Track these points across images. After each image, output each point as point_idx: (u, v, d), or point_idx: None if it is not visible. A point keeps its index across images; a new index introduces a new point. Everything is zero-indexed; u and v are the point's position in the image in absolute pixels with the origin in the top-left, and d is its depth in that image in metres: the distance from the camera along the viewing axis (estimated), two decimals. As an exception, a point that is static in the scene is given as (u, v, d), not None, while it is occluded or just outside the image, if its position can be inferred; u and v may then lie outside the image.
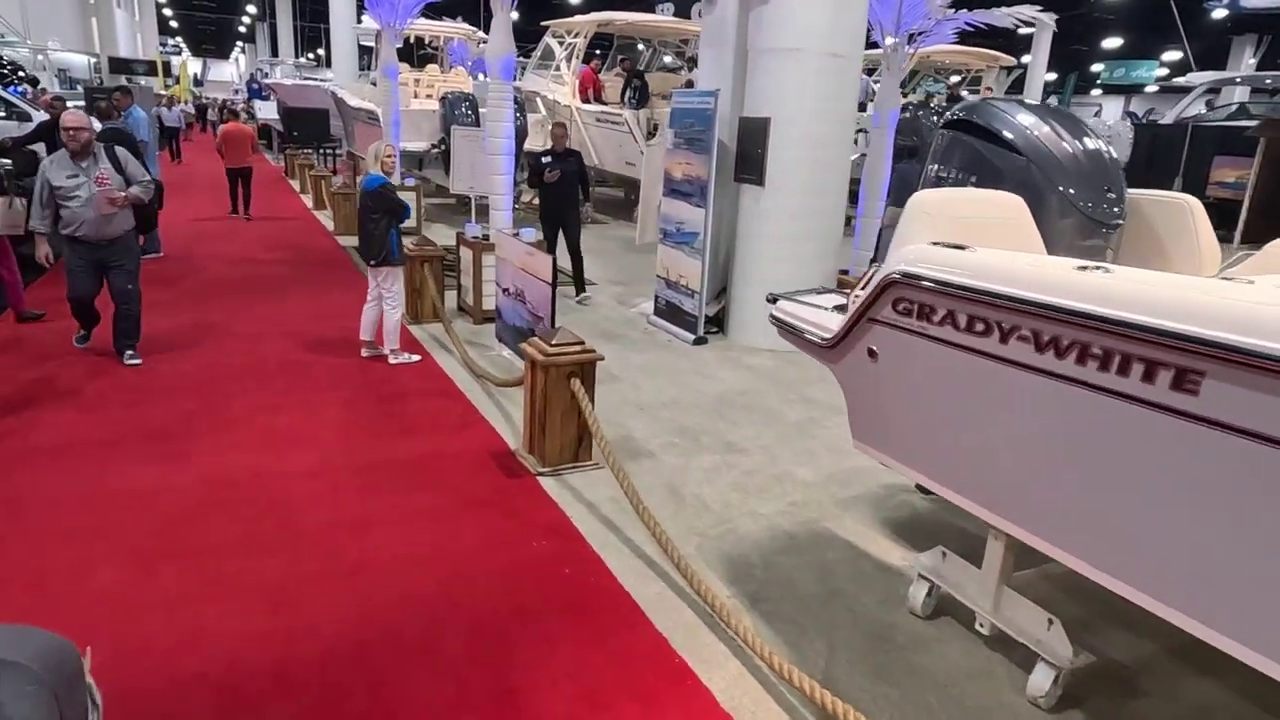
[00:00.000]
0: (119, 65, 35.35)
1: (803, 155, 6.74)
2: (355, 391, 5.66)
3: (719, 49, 7.49)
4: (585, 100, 15.87)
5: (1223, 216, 17.05)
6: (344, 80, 23.31)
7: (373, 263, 6.18)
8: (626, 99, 14.75)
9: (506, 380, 5.47)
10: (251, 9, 51.10)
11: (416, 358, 6.40)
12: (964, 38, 10.38)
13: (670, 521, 4.00)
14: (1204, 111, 20.31)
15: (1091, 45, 43.98)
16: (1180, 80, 22.76)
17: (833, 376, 3.35)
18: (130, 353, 5.97)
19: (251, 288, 8.57)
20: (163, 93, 29.32)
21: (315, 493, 4.16)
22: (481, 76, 18.90)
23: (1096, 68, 48.33)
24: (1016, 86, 22.93)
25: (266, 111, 28.32)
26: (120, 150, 5.86)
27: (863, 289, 3.00)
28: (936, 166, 3.79)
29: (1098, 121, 17.04)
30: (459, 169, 12.44)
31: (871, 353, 2.87)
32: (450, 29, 18.15)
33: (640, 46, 19.15)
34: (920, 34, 7.67)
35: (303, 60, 41.68)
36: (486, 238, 7.63)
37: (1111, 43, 42.40)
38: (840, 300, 3.54)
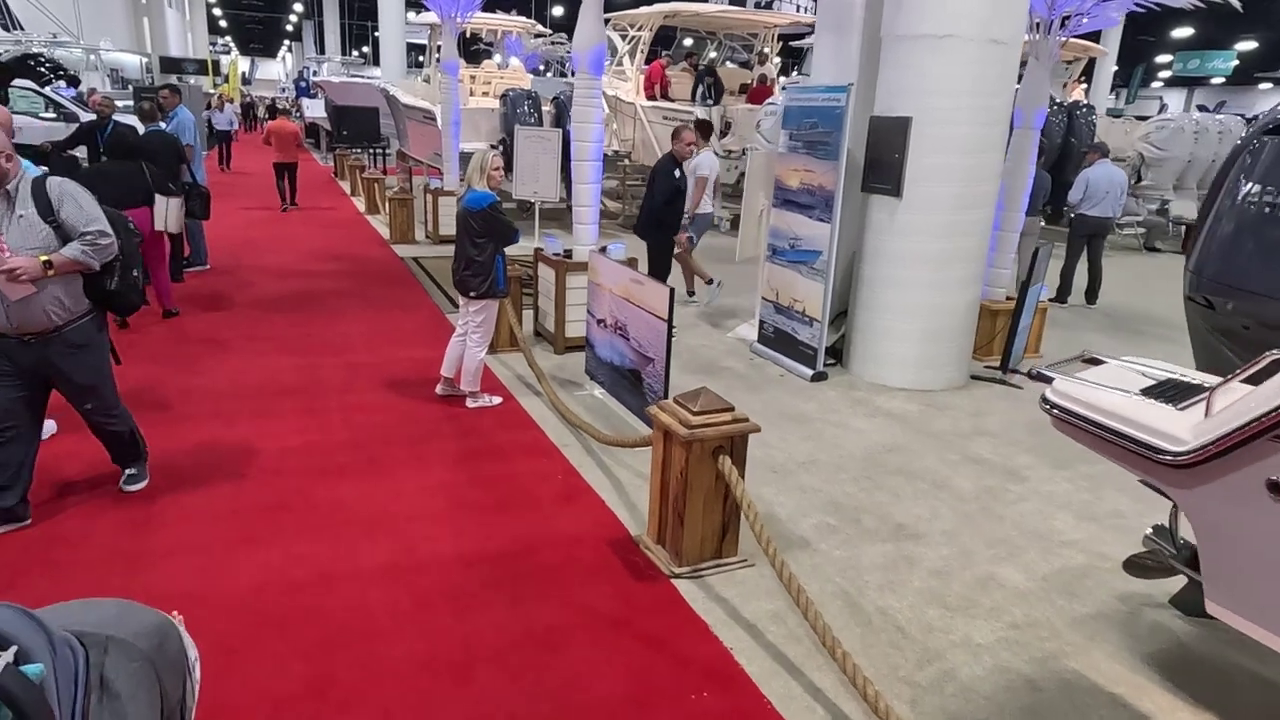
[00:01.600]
0: (170, 65, 35.33)
1: (951, 162, 5.68)
2: (432, 446, 4.75)
3: (841, 36, 6.46)
4: (651, 97, 14.91)
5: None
6: (393, 78, 22.67)
7: (472, 294, 5.24)
8: (699, 96, 13.73)
9: (616, 439, 4.50)
10: (299, 7, 51.07)
11: (497, 400, 5.48)
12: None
13: (861, 654, 3.01)
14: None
15: (1159, 35, 41.92)
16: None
17: (997, 429, 2.35)
18: (131, 472, 4.02)
19: (304, 306, 7.73)
20: (211, 91, 28.95)
21: (397, 606, 3.23)
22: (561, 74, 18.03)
23: (1161, 59, 46.15)
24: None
25: (314, 110, 27.88)
26: (58, 186, 3.45)
27: (1247, 378, 1.97)
28: (1257, 189, 2.74)
29: (1206, 117, 15.56)
30: (522, 172, 11.61)
31: (1277, 487, 1.85)
32: (509, 22, 17.29)
33: (688, 41, 18.11)
34: (1075, 17, 6.55)
35: (350, 58, 41.33)
36: (569, 254, 6.71)
37: (1180, 33, 40.37)
38: (1144, 379, 2.52)
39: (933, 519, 4.16)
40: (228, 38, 58.04)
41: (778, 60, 19.08)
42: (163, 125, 8.16)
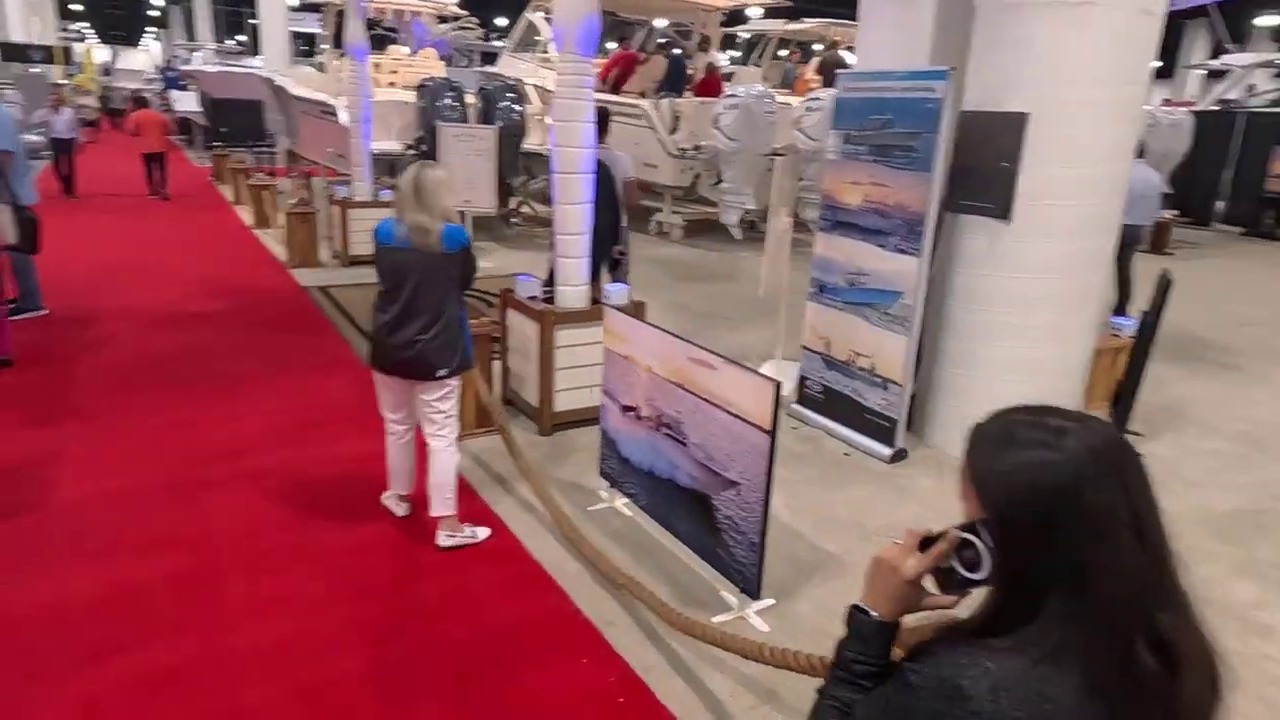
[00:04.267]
0: (12, 52, 31.09)
1: (1081, 174, 4.27)
2: (407, 648, 2.97)
3: (905, 6, 4.97)
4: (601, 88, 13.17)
5: (1282, 214, 15.29)
6: (277, 67, 20.07)
7: (442, 374, 3.51)
8: (657, 88, 12.12)
9: (702, 630, 2.81)
10: (164, -10, 46.60)
11: (483, 534, 3.73)
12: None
13: None
14: (1243, 96, 18.61)
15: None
16: (1214, 63, 21.09)
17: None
18: None
19: (181, 374, 5.70)
20: (64, 82, 25.28)
21: None
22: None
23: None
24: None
25: (186, 103, 24.75)
26: None
27: None
28: None
29: (1161, 110, 14.97)
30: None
31: None
32: (417, 3, 15.15)
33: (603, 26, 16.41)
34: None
35: (225, 45, 37.61)
36: (550, 297, 5.00)
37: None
38: None
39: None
40: (84, 23, 52.57)
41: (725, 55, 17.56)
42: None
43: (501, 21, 34.82)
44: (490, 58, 27.19)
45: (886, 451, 4.71)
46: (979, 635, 1.01)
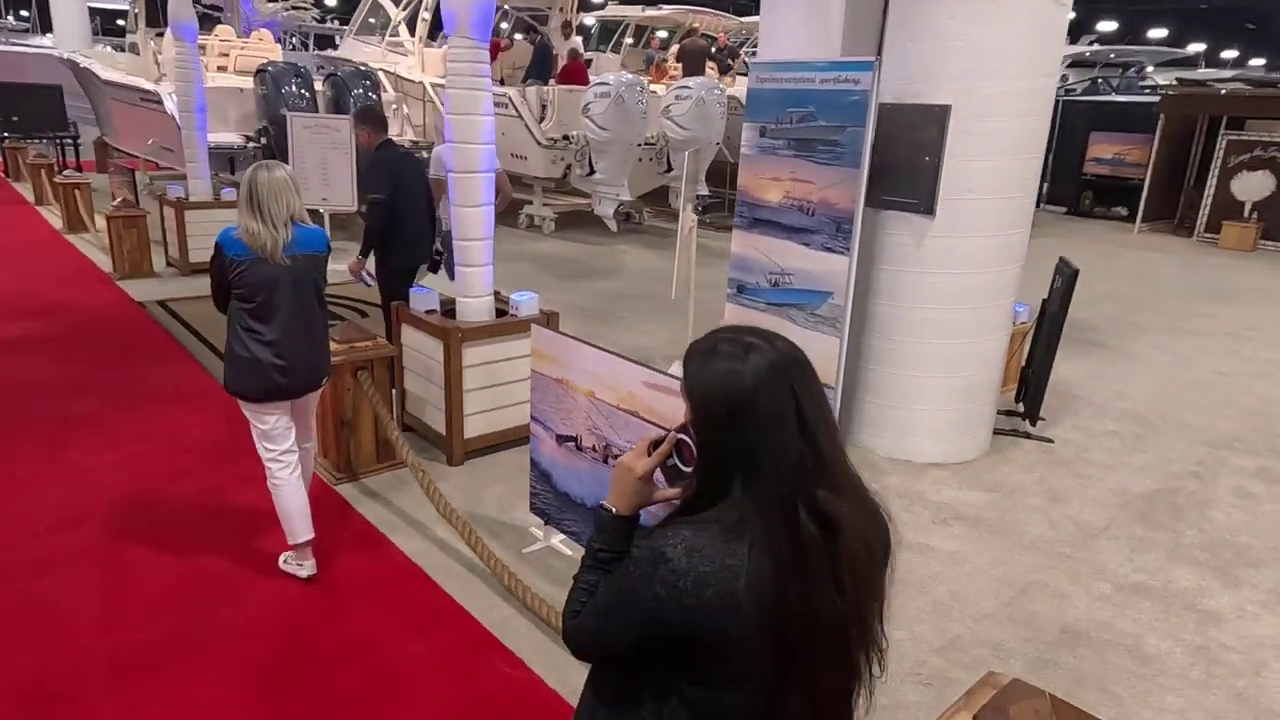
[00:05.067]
0: None
1: (1001, 167, 4.24)
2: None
3: (813, -6, 4.78)
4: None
5: (1100, 194, 16.81)
6: (76, 47, 17.79)
7: (325, 381, 3.42)
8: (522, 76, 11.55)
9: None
10: (-76, -44, 40.53)
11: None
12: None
13: None
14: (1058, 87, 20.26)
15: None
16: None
17: (1099, 520, 1.40)
18: None
19: (-5, 414, 4.76)
20: None
21: None
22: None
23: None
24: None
25: (-36, 88, 21.58)
26: None
27: None
28: None
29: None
30: (304, 174, 8.83)
31: None
32: (245, -22, 13.76)
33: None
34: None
35: (7, 22, 33.16)
36: (451, 313, 4.50)
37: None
38: None
39: None
40: None
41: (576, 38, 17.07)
42: None
43: (331, 2, 32.63)
44: (325, 41, 25.37)
45: (819, 457, 4.55)
46: (687, 514, 1.22)
